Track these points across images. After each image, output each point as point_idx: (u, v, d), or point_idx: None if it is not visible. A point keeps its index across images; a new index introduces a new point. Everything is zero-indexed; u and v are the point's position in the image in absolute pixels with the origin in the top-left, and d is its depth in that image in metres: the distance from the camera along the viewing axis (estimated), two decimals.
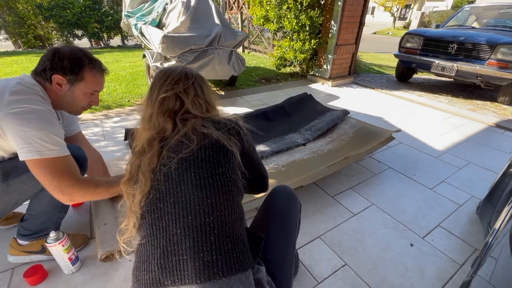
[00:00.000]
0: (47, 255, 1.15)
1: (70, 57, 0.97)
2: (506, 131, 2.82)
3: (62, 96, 1.01)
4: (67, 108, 1.09)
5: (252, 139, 0.85)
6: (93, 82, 1.04)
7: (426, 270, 1.22)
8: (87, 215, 1.43)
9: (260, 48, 6.88)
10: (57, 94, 1.00)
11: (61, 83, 0.98)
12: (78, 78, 1.00)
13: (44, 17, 7.93)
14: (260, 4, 4.56)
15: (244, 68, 3.44)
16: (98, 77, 1.05)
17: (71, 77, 0.99)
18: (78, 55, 0.99)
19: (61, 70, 0.96)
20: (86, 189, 0.95)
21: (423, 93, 4.03)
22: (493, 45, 3.29)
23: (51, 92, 0.99)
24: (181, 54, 2.84)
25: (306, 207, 1.58)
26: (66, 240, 1.06)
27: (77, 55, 0.99)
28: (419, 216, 1.55)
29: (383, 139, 2.05)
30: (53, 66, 0.96)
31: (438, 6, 23.12)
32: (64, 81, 0.98)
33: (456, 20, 4.65)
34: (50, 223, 1.13)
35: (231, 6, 7.84)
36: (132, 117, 2.79)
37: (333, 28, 4.00)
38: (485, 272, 0.80)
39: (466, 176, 1.97)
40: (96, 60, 1.05)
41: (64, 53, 0.97)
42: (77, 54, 0.99)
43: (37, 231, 1.12)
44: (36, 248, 1.15)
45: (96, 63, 1.04)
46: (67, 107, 1.08)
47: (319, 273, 1.18)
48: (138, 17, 3.59)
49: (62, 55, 0.97)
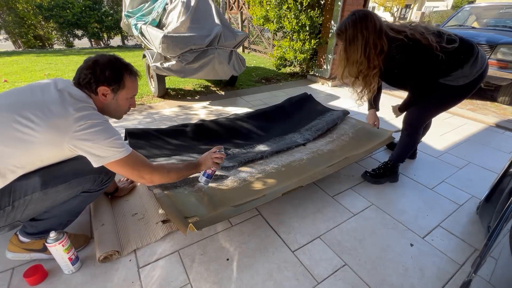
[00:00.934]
0: (47, 254, 1.13)
1: (110, 67, 1.04)
2: (506, 131, 2.82)
3: (107, 105, 1.10)
4: (112, 114, 1.17)
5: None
6: (132, 88, 1.13)
7: (426, 270, 1.22)
8: (87, 216, 1.43)
9: (260, 48, 6.88)
10: (103, 103, 1.08)
11: (106, 93, 1.06)
12: (120, 86, 1.08)
13: (44, 17, 7.93)
14: (260, 4, 4.56)
15: (244, 68, 3.44)
16: (135, 82, 1.14)
17: (115, 87, 1.07)
18: (116, 65, 1.06)
19: (105, 81, 1.03)
20: (161, 173, 1.15)
21: None
22: (493, 45, 3.29)
23: (97, 102, 1.06)
24: (181, 54, 2.84)
25: (306, 207, 1.58)
26: (66, 240, 1.06)
27: (116, 64, 1.06)
28: (419, 216, 1.55)
29: (383, 139, 2.05)
30: (97, 79, 1.02)
31: (438, 6, 23.09)
32: (109, 91, 1.06)
33: (456, 20, 4.65)
34: (59, 225, 1.15)
35: (231, 6, 7.84)
36: (132, 117, 2.79)
37: (333, 28, 4.01)
38: (485, 272, 0.80)
39: (466, 176, 1.97)
40: (131, 66, 1.13)
41: (104, 64, 1.03)
42: (115, 63, 1.06)
43: (44, 231, 1.11)
44: (38, 246, 1.14)
45: (132, 69, 1.12)
46: (112, 114, 1.16)
47: (319, 273, 1.18)
48: (138, 17, 3.59)
49: (103, 66, 1.03)
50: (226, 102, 3.40)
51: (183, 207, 1.29)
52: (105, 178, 1.15)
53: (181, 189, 1.44)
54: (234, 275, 1.16)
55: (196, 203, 1.35)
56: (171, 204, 1.29)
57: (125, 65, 1.10)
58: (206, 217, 1.24)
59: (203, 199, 1.39)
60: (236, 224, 1.44)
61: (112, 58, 1.07)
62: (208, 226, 1.22)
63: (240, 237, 1.36)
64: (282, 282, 1.13)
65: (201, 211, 1.29)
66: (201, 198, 1.39)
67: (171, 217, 1.23)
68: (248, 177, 1.63)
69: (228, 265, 1.20)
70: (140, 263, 1.19)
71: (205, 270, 1.17)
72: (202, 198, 1.40)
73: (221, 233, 1.38)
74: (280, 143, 2.03)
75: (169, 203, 1.29)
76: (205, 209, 1.31)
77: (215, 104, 3.31)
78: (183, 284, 1.11)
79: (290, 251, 1.28)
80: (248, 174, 1.66)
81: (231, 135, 2.12)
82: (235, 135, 2.13)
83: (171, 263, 1.20)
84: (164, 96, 3.46)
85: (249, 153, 1.88)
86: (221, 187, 1.51)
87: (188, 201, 1.36)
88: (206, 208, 1.33)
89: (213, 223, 1.27)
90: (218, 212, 1.29)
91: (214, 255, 1.25)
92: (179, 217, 1.19)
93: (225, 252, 1.26)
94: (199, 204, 1.35)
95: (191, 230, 1.09)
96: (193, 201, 1.37)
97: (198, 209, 1.31)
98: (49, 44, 8.72)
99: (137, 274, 1.14)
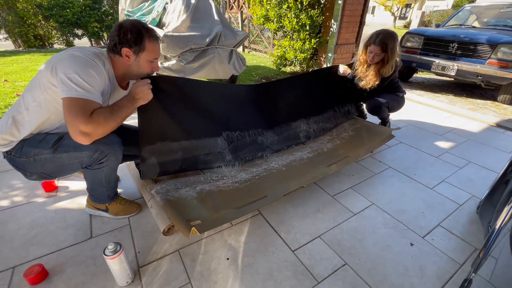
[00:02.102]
0: (110, 213, 1.42)
1: (132, 30, 1.10)
2: (506, 130, 2.82)
3: (130, 66, 1.17)
4: (135, 77, 1.24)
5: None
6: (152, 51, 1.16)
7: (426, 269, 1.22)
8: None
9: (260, 47, 6.87)
10: (126, 65, 1.16)
11: (129, 54, 1.13)
12: (141, 48, 1.13)
13: (44, 16, 7.92)
14: (260, 3, 4.56)
15: (244, 68, 3.44)
16: (155, 44, 1.18)
17: (136, 48, 1.12)
18: (137, 28, 1.11)
19: (127, 43, 1.10)
20: (96, 123, 1.02)
21: (423, 92, 4.03)
22: (494, 44, 3.28)
23: (121, 63, 1.16)
24: (181, 54, 2.84)
25: (306, 206, 1.58)
26: (122, 253, 1.02)
27: (137, 27, 1.11)
28: (419, 216, 1.55)
29: (384, 137, 2.05)
30: (121, 40, 1.09)
31: (438, 6, 23.06)
32: (131, 52, 1.12)
33: (457, 19, 4.64)
34: (101, 195, 1.36)
35: (231, 5, 7.83)
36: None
37: (333, 28, 4.00)
38: (485, 272, 0.80)
39: (466, 175, 1.97)
40: (152, 31, 1.17)
41: (126, 27, 1.09)
42: (136, 26, 1.11)
43: (96, 199, 1.39)
44: (102, 207, 1.41)
45: (152, 32, 1.16)
46: (135, 76, 1.24)
47: (319, 273, 1.18)
48: (138, 16, 3.58)
49: (126, 29, 1.09)
50: None
51: (186, 211, 1.28)
52: (100, 156, 1.18)
53: (183, 191, 1.43)
54: (234, 274, 1.16)
55: (199, 206, 1.35)
56: (174, 209, 1.28)
57: (146, 29, 1.13)
58: (208, 219, 1.24)
59: (205, 201, 1.39)
60: (236, 223, 1.44)
61: (135, 22, 1.13)
62: (211, 229, 1.22)
63: (240, 236, 1.36)
64: (282, 282, 1.13)
65: (204, 214, 1.28)
66: (202, 201, 1.39)
67: (174, 221, 1.22)
68: (249, 177, 1.62)
69: (228, 265, 1.20)
70: (140, 262, 1.20)
71: (205, 270, 1.17)
72: (204, 200, 1.39)
73: (221, 232, 1.38)
74: (283, 135, 1.97)
75: (172, 208, 1.28)
76: (207, 212, 1.31)
77: None
78: (184, 283, 1.11)
79: (290, 250, 1.29)
80: (249, 174, 1.65)
81: (240, 109, 1.81)
82: (246, 109, 1.83)
83: (171, 262, 1.20)
84: None
85: (252, 147, 1.80)
86: (222, 189, 1.50)
87: (190, 204, 1.35)
88: (208, 210, 1.32)
89: (216, 225, 1.27)
90: (220, 214, 1.29)
91: (214, 254, 1.25)
92: (182, 221, 1.19)
93: (225, 252, 1.27)
94: (201, 207, 1.34)
95: (194, 234, 1.09)
96: (195, 204, 1.36)
97: (200, 212, 1.30)
98: (49, 44, 8.70)
99: (138, 273, 1.15)
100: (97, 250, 1.24)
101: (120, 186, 1.70)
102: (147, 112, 1.32)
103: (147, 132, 1.38)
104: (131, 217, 1.45)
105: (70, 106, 0.98)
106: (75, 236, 1.32)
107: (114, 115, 1.07)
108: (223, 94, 1.75)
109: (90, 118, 1.00)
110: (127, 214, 1.45)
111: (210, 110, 1.66)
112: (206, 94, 1.62)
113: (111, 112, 1.07)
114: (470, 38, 3.48)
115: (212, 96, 1.67)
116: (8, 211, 1.46)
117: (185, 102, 1.52)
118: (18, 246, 1.25)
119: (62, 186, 1.68)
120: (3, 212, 1.45)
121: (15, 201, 1.54)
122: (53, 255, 1.22)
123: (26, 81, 3.98)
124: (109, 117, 1.05)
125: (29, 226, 1.37)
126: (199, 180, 1.54)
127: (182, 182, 1.49)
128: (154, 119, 1.39)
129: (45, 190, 1.61)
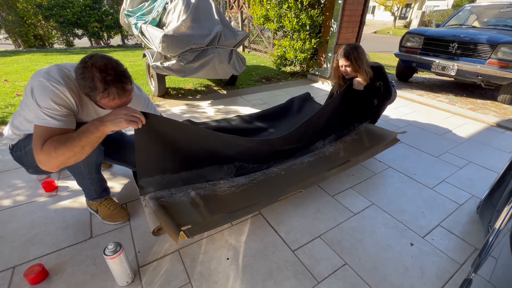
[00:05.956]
0: (99, 215, 1.41)
1: (90, 80, 0.94)
2: (506, 130, 2.82)
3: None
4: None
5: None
6: (108, 106, 1.02)
7: (426, 269, 1.22)
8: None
9: (260, 47, 6.87)
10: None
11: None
12: (96, 101, 1.02)
13: (44, 16, 7.93)
14: (260, 3, 4.56)
15: (244, 68, 3.44)
16: (113, 100, 0.99)
17: (92, 97, 0.99)
18: (95, 82, 0.93)
19: (82, 88, 0.98)
20: (45, 153, 0.95)
21: (423, 92, 4.03)
22: (494, 44, 3.28)
23: None
24: (181, 54, 2.83)
25: (306, 206, 1.58)
26: (123, 253, 1.02)
27: (95, 81, 0.93)
28: (419, 216, 1.55)
29: (388, 141, 1.95)
30: (79, 83, 0.97)
31: (438, 5, 23.05)
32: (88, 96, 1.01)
33: (457, 19, 4.64)
34: (89, 190, 1.37)
35: (231, 5, 7.83)
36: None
37: (334, 27, 4.00)
38: (485, 272, 0.80)
39: (466, 175, 1.97)
40: (115, 85, 0.96)
41: (87, 74, 0.94)
42: (95, 80, 0.93)
43: (87, 195, 1.41)
44: (93, 208, 1.43)
45: (112, 89, 0.95)
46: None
47: (319, 273, 1.18)
48: (138, 16, 3.58)
49: (87, 76, 0.94)
50: (226, 101, 3.39)
51: (178, 216, 1.24)
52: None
53: (177, 196, 1.38)
54: (235, 274, 1.16)
55: (191, 210, 1.30)
56: (165, 213, 1.23)
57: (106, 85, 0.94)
58: (199, 224, 1.21)
59: (198, 205, 1.34)
60: (237, 223, 1.44)
61: (101, 67, 0.94)
62: (201, 232, 1.20)
63: (240, 236, 1.36)
64: (282, 282, 1.13)
65: (196, 218, 1.25)
66: (196, 205, 1.34)
67: (164, 225, 1.18)
68: (246, 181, 1.57)
69: (229, 265, 1.20)
70: (140, 262, 1.20)
71: (205, 270, 1.17)
72: (198, 204, 1.35)
73: (221, 232, 1.38)
74: (295, 155, 1.84)
75: (164, 212, 1.24)
76: (199, 216, 1.27)
77: (216, 103, 3.30)
78: (184, 283, 1.11)
79: (290, 250, 1.29)
80: (246, 178, 1.59)
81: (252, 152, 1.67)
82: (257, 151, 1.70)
83: (171, 262, 1.20)
84: (164, 95, 3.46)
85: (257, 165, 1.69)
86: (218, 193, 1.46)
87: (183, 209, 1.31)
88: (201, 214, 1.28)
89: (207, 230, 1.25)
90: (213, 219, 1.25)
91: (214, 254, 1.25)
92: (172, 225, 1.14)
93: (225, 252, 1.27)
94: (194, 211, 1.30)
95: (182, 238, 1.08)
96: (188, 208, 1.31)
97: (193, 216, 1.27)
98: (49, 43, 8.71)
99: (138, 273, 1.15)
100: (97, 250, 1.24)
101: (119, 186, 1.70)
102: (144, 146, 1.23)
103: (144, 166, 1.30)
104: (131, 218, 1.45)
105: (33, 132, 1.00)
106: (75, 236, 1.32)
107: (70, 143, 0.95)
108: (233, 143, 1.59)
109: (42, 147, 0.95)
110: (113, 222, 1.39)
111: (217, 150, 1.53)
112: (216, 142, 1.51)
113: (66, 140, 0.95)
114: (470, 38, 3.47)
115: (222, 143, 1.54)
116: (8, 211, 1.47)
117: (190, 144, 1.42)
118: (18, 246, 1.26)
119: (62, 186, 1.68)
120: (4, 212, 1.45)
121: (15, 201, 1.54)
122: (53, 255, 1.22)
123: (26, 81, 3.98)
124: (61, 146, 0.94)
125: (29, 226, 1.37)
126: (195, 186, 1.47)
127: (177, 188, 1.43)
128: (153, 153, 1.29)
129: (45, 190, 1.61)
